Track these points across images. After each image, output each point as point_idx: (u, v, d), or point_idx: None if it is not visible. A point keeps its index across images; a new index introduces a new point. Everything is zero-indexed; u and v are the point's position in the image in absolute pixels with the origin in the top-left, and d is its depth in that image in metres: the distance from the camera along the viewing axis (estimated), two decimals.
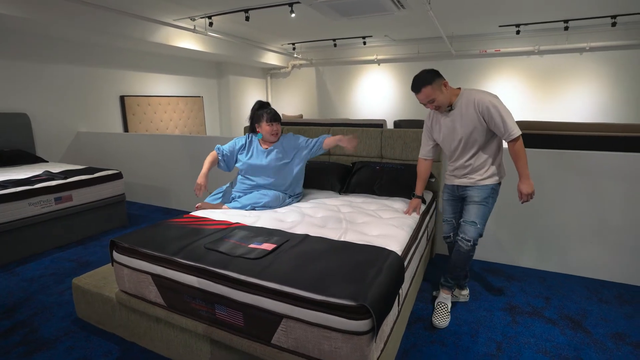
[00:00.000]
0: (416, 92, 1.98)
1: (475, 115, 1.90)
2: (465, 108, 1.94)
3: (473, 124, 1.92)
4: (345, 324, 1.23)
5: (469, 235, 1.96)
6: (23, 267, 2.83)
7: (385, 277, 1.41)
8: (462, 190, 2.10)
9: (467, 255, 2.01)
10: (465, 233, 1.98)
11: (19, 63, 4.25)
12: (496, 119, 1.85)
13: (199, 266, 1.55)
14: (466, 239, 1.97)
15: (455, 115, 1.98)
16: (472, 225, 1.97)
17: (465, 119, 1.94)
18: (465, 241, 1.98)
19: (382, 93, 7.55)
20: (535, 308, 2.20)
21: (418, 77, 1.98)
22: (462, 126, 1.96)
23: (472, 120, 1.92)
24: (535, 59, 6.30)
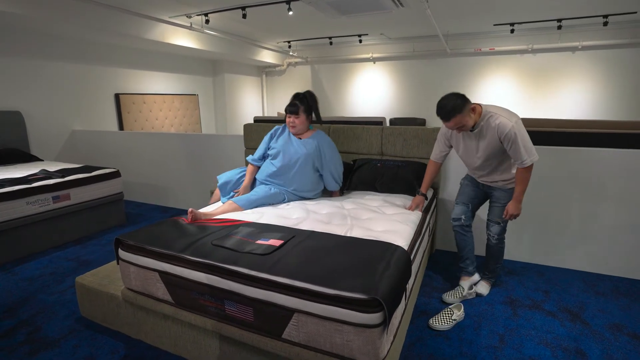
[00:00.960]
0: (446, 120, 1.94)
1: (497, 139, 1.96)
2: (486, 131, 1.98)
3: (493, 148, 2.00)
4: (357, 317, 1.25)
5: (494, 232, 2.21)
6: (21, 267, 2.80)
7: (394, 271, 1.44)
8: (487, 188, 2.25)
9: (497, 247, 2.25)
10: (491, 230, 2.23)
11: (12, 60, 4.18)
12: (515, 148, 1.91)
13: (208, 262, 1.56)
14: (492, 235, 2.22)
15: (478, 135, 2.03)
16: (497, 224, 2.20)
17: (485, 142, 2.01)
18: (492, 236, 2.23)
19: (377, 91, 7.58)
20: (535, 301, 2.25)
21: (447, 104, 1.90)
22: (483, 148, 2.04)
23: (493, 145, 1.99)
24: (528, 57, 6.38)
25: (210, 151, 4.00)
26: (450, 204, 2.94)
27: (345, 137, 3.04)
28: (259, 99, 8.62)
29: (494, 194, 2.19)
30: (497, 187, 2.17)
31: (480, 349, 1.81)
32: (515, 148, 1.90)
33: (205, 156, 4.04)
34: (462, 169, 2.81)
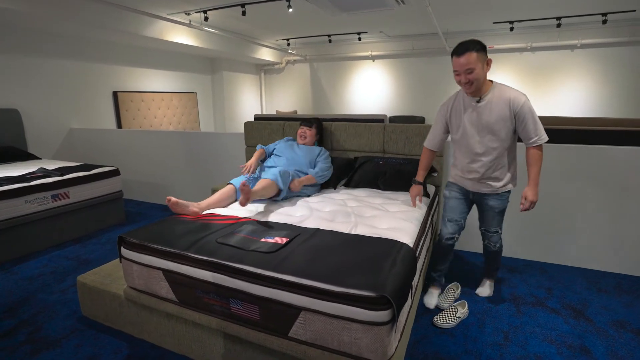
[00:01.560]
0: (459, 54, 1.77)
1: (508, 113, 1.80)
2: (496, 103, 1.82)
3: (503, 121, 1.81)
4: (365, 314, 1.25)
5: (495, 240, 2.13)
6: (21, 266, 2.78)
7: (400, 268, 1.43)
8: (477, 196, 2.05)
9: (499, 251, 2.17)
10: (492, 240, 2.13)
11: (9, 57, 4.13)
12: (529, 122, 1.79)
13: (213, 261, 1.54)
14: (493, 243, 2.14)
15: (483, 109, 1.84)
16: (496, 233, 2.11)
17: (494, 114, 1.82)
18: (493, 244, 2.14)
19: (376, 89, 7.57)
20: (538, 298, 2.25)
21: (465, 41, 1.79)
22: (490, 122, 1.83)
23: (503, 117, 1.81)
24: (527, 55, 6.39)
25: (210, 149, 3.97)
26: None
27: (346, 134, 3.03)
28: (257, 97, 8.59)
29: (489, 202, 2.00)
30: (491, 192, 1.98)
31: (485, 347, 1.81)
32: (531, 123, 1.77)
33: (205, 154, 4.02)
34: None
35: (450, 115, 2.01)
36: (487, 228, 2.09)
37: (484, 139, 1.89)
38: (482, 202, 2.05)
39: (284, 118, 3.55)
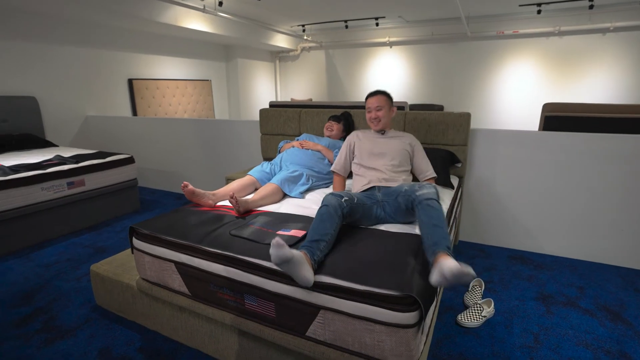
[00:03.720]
0: (373, 95, 2.14)
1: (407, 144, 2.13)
2: (396, 134, 2.18)
3: (403, 147, 2.10)
4: (390, 315, 1.15)
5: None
6: (38, 253, 2.79)
7: (425, 266, 1.32)
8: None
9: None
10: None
11: (26, 45, 4.13)
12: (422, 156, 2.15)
13: (227, 254, 1.47)
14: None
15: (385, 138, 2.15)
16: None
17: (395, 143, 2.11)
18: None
19: (393, 77, 7.35)
20: (569, 298, 2.12)
21: (378, 90, 2.18)
22: (391, 148, 2.09)
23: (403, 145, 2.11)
24: (554, 40, 6.05)
25: (225, 137, 3.91)
26: (477, 193, 2.79)
27: (365, 122, 2.90)
28: (272, 85, 8.47)
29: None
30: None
31: (514, 349, 1.70)
32: (423, 157, 2.19)
33: (220, 142, 3.96)
34: (490, 155, 2.66)
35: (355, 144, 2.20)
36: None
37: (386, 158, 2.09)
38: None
39: (300, 105, 3.44)
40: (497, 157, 2.66)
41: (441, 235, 1.37)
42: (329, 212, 1.50)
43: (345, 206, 1.57)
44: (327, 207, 1.53)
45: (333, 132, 2.78)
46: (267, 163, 2.49)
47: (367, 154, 2.09)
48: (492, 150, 2.66)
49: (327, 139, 2.71)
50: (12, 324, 1.95)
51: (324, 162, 2.53)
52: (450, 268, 1.15)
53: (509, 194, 2.69)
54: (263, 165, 2.46)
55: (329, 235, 1.44)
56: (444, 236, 1.36)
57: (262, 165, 2.46)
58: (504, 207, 2.72)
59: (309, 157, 2.49)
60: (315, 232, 1.44)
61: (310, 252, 1.34)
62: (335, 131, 2.78)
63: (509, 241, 2.77)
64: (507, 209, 2.72)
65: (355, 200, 1.67)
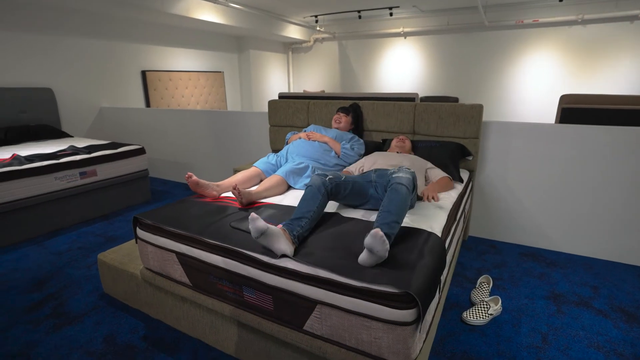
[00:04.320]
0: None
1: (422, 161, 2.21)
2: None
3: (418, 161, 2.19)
4: (387, 312, 1.12)
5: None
6: (51, 241, 2.86)
7: (428, 261, 1.28)
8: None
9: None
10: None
11: (42, 37, 4.20)
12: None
13: (225, 246, 1.46)
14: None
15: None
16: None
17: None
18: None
19: (408, 68, 7.20)
20: (582, 297, 2.04)
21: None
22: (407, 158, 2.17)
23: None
24: (577, 29, 5.79)
25: (235, 128, 3.91)
26: (489, 187, 2.71)
27: (375, 113, 2.85)
28: (284, 76, 8.43)
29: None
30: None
31: (521, 349, 1.65)
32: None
33: (229, 133, 3.96)
34: (502, 148, 2.58)
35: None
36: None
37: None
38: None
39: (309, 97, 3.40)
40: (510, 151, 2.57)
41: (388, 219, 1.35)
42: (312, 191, 1.57)
43: (329, 184, 1.61)
44: (310, 187, 1.59)
45: (341, 124, 2.73)
46: (273, 154, 2.48)
47: (381, 159, 2.14)
48: (505, 143, 2.57)
49: (335, 131, 2.67)
50: (24, 309, 2.01)
51: (330, 154, 2.49)
52: (372, 233, 1.17)
53: (522, 189, 2.60)
54: (269, 157, 2.44)
55: (311, 212, 1.51)
56: (388, 222, 1.34)
57: (268, 157, 2.44)
58: (517, 202, 2.64)
59: (315, 149, 2.46)
60: (298, 210, 1.52)
61: (289, 228, 1.43)
62: (343, 123, 2.74)
63: (520, 237, 2.69)
64: (519, 204, 2.63)
65: (342, 178, 1.70)
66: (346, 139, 2.60)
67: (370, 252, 1.20)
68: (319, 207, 1.55)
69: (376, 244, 1.17)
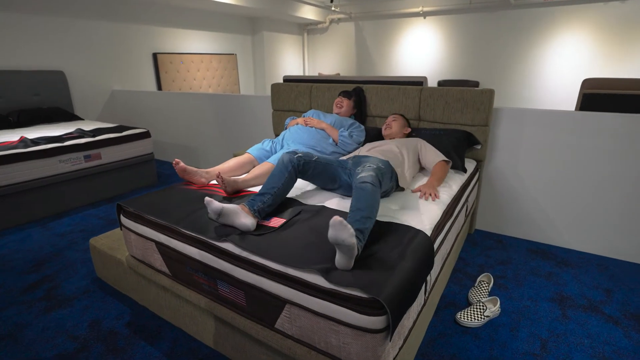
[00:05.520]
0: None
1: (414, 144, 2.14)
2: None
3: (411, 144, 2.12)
4: (355, 318, 1.03)
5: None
6: (56, 222, 2.91)
7: (408, 263, 1.18)
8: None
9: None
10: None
11: (53, 19, 4.21)
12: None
13: (200, 238, 1.40)
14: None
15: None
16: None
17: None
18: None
19: (426, 50, 6.86)
20: (591, 301, 1.88)
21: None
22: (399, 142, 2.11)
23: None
24: (614, 6, 5.30)
25: (240, 112, 3.84)
26: (498, 178, 2.54)
27: (378, 98, 2.70)
28: (299, 59, 8.25)
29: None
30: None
31: (516, 355, 1.53)
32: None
33: (232, 117, 3.90)
34: (514, 137, 2.40)
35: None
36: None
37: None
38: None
39: (312, 80, 3.27)
40: (523, 140, 2.38)
41: (358, 215, 1.28)
42: (279, 168, 1.58)
43: (296, 161, 1.59)
44: (278, 164, 1.60)
45: (342, 108, 2.61)
46: (268, 140, 2.39)
47: (374, 149, 2.04)
48: (517, 131, 2.38)
49: (334, 116, 2.55)
50: (20, 290, 2.05)
51: (328, 141, 2.38)
52: (330, 223, 1.09)
53: (534, 181, 2.41)
54: (264, 143, 2.36)
55: (276, 188, 1.53)
56: (359, 218, 1.27)
57: (263, 143, 2.36)
58: (528, 194, 2.46)
59: (312, 136, 2.36)
60: (263, 187, 1.55)
61: (250, 204, 1.46)
62: (345, 107, 2.61)
63: (530, 232, 2.52)
64: (530, 196, 2.45)
65: (315, 158, 1.67)
66: (345, 125, 2.47)
67: (339, 247, 1.09)
68: (285, 184, 1.56)
69: (338, 232, 1.06)
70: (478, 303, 1.75)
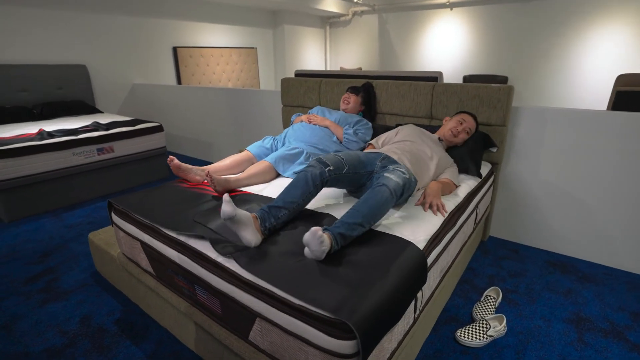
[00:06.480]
0: (467, 114, 2.07)
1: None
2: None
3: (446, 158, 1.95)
4: (323, 340, 0.94)
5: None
6: (68, 214, 2.98)
7: (391, 280, 1.07)
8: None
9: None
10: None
11: (76, 14, 4.32)
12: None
13: (180, 240, 1.35)
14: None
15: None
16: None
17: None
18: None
19: (452, 43, 6.55)
20: (615, 325, 1.68)
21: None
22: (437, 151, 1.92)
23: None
24: None
25: (251, 107, 3.79)
26: (516, 182, 2.34)
27: (389, 94, 2.55)
28: (321, 53, 8.12)
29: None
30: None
31: None
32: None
33: (247, 112, 3.86)
34: (535, 139, 2.20)
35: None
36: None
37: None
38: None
39: (321, 75, 3.16)
40: (545, 142, 2.17)
41: (352, 220, 1.21)
42: (305, 179, 1.40)
43: (327, 176, 1.44)
44: (305, 173, 1.42)
45: (349, 105, 2.48)
46: (269, 137, 2.31)
47: (417, 142, 1.88)
48: (539, 132, 2.17)
49: (340, 113, 2.43)
50: (23, 280, 2.09)
51: (332, 139, 2.27)
52: (311, 230, 1.05)
53: (556, 186, 2.20)
54: (264, 141, 2.28)
55: (296, 204, 1.36)
56: (350, 222, 1.20)
57: (264, 141, 2.28)
58: (549, 200, 2.25)
59: (315, 134, 2.26)
60: (281, 197, 1.37)
61: (262, 218, 1.30)
62: (351, 104, 2.48)
63: (550, 242, 2.31)
64: (552, 203, 2.24)
65: (345, 171, 1.50)
66: (351, 122, 2.35)
67: (308, 249, 1.08)
68: (305, 200, 1.40)
69: (312, 242, 1.04)
70: (482, 320, 1.61)
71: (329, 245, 1.10)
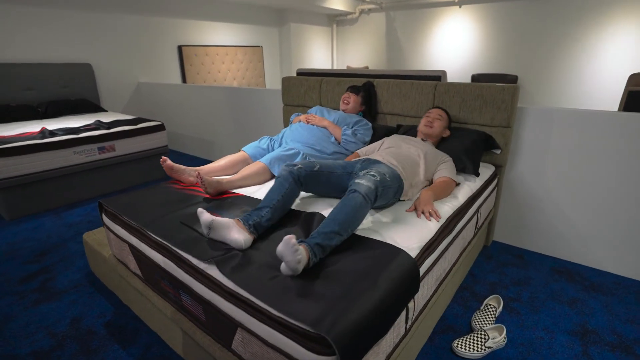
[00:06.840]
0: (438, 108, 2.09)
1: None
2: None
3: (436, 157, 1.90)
4: (302, 354, 0.89)
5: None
6: (68, 212, 2.99)
7: (378, 290, 1.01)
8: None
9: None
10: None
11: (81, 13, 4.33)
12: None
13: (165, 244, 1.31)
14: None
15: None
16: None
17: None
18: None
19: (460, 41, 6.42)
20: (623, 339, 1.60)
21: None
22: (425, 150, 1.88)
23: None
24: None
25: (252, 106, 3.75)
26: (521, 185, 2.26)
27: (390, 94, 2.48)
28: (328, 51, 8.05)
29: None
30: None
31: None
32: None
33: (248, 111, 3.82)
34: (541, 140, 2.11)
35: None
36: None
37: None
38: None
39: (322, 74, 3.11)
40: (551, 143, 2.08)
41: (328, 229, 1.17)
42: (279, 182, 1.45)
43: (296, 173, 1.47)
44: (278, 178, 1.47)
45: (349, 105, 2.43)
46: (266, 138, 2.27)
47: (398, 146, 1.86)
48: (545, 134, 2.08)
49: (339, 113, 2.38)
50: (18, 280, 2.08)
51: (330, 140, 2.22)
52: (284, 239, 1.02)
53: (563, 190, 2.11)
54: (261, 141, 2.24)
55: (275, 200, 1.39)
56: (327, 232, 1.16)
57: (260, 141, 2.24)
58: (555, 205, 2.16)
59: (312, 134, 2.20)
60: (262, 201, 1.41)
61: (244, 218, 1.31)
62: (351, 104, 2.42)
63: (556, 249, 2.22)
64: (558, 207, 2.16)
65: (317, 169, 1.51)
66: (350, 122, 2.29)
67: (283, 262, 1.04)
68: (285, 196, 1.41)
69: (286, 252, 1.00)
70: (480, 331, 1.54)
71: (305, 256, 1.05)
